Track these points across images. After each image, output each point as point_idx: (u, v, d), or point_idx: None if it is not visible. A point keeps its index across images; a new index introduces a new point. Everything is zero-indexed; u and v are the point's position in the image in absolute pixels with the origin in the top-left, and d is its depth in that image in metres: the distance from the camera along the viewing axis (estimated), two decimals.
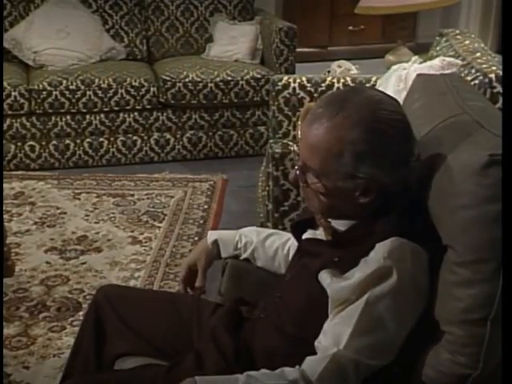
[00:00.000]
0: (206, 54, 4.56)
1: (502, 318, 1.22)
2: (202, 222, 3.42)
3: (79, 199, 3.65)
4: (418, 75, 2.06)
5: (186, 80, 4.10)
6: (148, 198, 3.68)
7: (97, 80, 4.06)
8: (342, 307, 1.30)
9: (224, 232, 1.79)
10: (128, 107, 4.11)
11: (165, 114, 4.18)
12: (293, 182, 1.43)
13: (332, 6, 6.09)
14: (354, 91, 1.39)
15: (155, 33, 4.63)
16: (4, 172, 3.83)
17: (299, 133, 2.83)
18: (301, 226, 1.55)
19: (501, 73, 2.25)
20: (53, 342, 2.47)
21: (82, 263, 3.02)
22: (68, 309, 2.66)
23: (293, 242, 1.63)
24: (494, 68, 2.31)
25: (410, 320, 1.31)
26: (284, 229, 2.39)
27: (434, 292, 1.32)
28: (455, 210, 1.27)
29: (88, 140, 4.11)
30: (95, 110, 4.07)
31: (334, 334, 1.29)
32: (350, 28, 6.11)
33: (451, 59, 2.54)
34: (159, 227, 3.36)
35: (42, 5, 4.43)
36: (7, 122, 3.99)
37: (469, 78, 2.31)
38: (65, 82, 4.02)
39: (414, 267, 1.29)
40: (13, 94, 3.95)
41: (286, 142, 2.47)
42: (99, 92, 4.05)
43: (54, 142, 4.08)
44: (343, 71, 3.52)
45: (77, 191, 3.75)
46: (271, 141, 2.55)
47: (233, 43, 4.46)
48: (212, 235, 1.77)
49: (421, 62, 2.77)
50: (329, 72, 3.55)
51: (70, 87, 4.01)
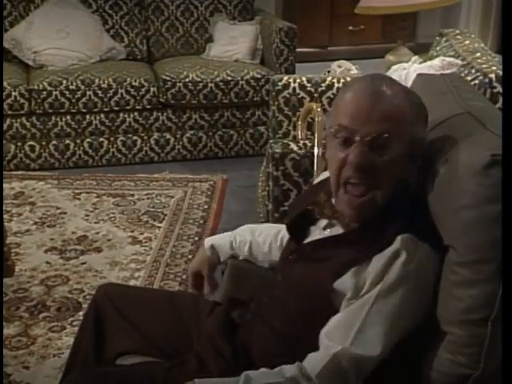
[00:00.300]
0: (206, 54, 4.56)
1: (502, 318, 1.22)
2: (202, 222, 3.42)
3: (79, 199, 3.65)
4: (418, 75, 2.06)
5: (186, 80, 4.10)
6: (148, 198, 3.67)
7: (97, 80, 4.06)
8: (353, 301, 1.31)
9: (219, 236, 1.82)
10: (128, 107, 4.11)
11: (165, 114, 4.18)
12: (361, 163, 1.33)
13: (332, 6, 6.08)
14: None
15: (155, 33, 4.63)
16: (4, 172, 3.83)
17: (299, 133, 2.83)
18: (298, 223, 1.53)
19: (501, 73, 2.25)
20: (53, 341, 2.47)
21: (82, 263, 3.02)
22: (68, 309, 2.67)
23: (284, 233, 1.64)
24: (494, 68, 2.31)
25: (417, 314, 1.31)
26: None
27: (435, 292, 1.32)
28: (456, 210, 1.27)
29: (88, 140, 4.11)
30: (95, 110, 4.07)
31: (340, 329, 1.30)
32: (350, 28, 6.11)
33: (451, 59, 2.54)
34: (159, 227, 3.35)
35: (41, 5, 4.43)
36: (7, 121, 3.99)
37: (469, 78, 2.31)
38: (65, 81, 4.02)
39: (423, 264, 1.30)
40: (13, 93, 3.95)
41: (286, 141, 2.46)
42: (99, 92, 4.04)
43: (54, 142, 4.08)
44: (343, 71, 3.52)
45: (77, 191, 3.75)
46: (271, 141, 2.54)
47: (233, 43, 4.46)
48: (208, 241, 1.79)
49: (421, 62, 2.77)
50: (329, 72, 3.55)
51: (70, 87, 4.01)
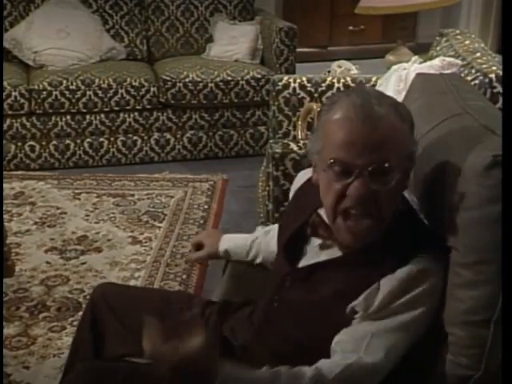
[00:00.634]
0: (206, 54, 4.55)
1: (502, 318, 1.21)
2: (202, 222, 3.42)
3: (79, 199, 3.65)
4: (418, 75, 2.06)
5: (186, 80, 4.10)
6: (148, 198, 3.67)
7: (97, 80, 4.06)
8: (365, 319, 1.30)
9: (234, 243, 1.82)
10: (128, 107, 4.10)
11: (165, 114, 4.18)
12: (364, 195, 1.28)
13: (332, 6, 6.09)
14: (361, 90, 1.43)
15: (155, 33, 4.63)
16: (4, 172, 3.83)
17: (299, 133, 2.83)
18: (291, 244, 1.47)
19: (501, 73, 2.25)
20: (53, 341, 2.47)
21: (82, 263, 3.01)
22: (68, 309, 2.66)
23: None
24: (494, 68, 2.31)
25: (426, 324, 1.31)
26: None
27: None
28: (458, 211, 1.26)
29: (88, 140, 4.11)
30: (95, 110, 4.07)
31: (352, 342, 1.29)
32: (350, 28, 6.11)
33: (451, 59, 2.53)
34: (159, 227, 3.35)
35: (42, 5, 4.43)
36: (7, 121, 3.99)
37: (469, 78, 2.31)
38: (65, 82, 4.02)
39: (435, 282, 1.30)
40: (13, 94, 3.95)
41: (286, 141, 2.46)
42: (99, 92, 4.04)
43: (54, 142, 4.08)
44: (343, 71, 3.52)
45: (77, 191, 3.75)
46: (271, 141, 2.53)
47: (233, 43, 4.46)
48: (223, 244, 1.81)
49: (421, 62, 2.77)
50: (329, 72, 3.55)
51: (70, 87, 4.01)
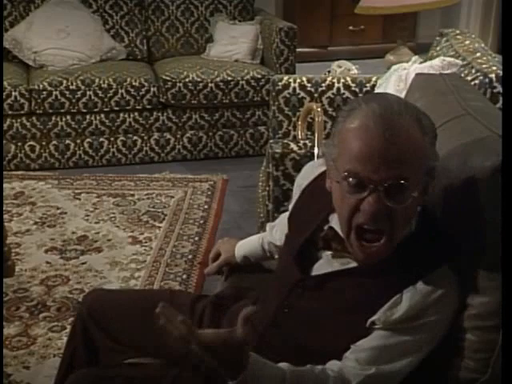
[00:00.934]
0: (206, 54, 4.56)
1: (503, 320, 1.20)
2: (202, 222, 3.42)
3: (79, 199, 3.65)
4: (417, 75, 2.06)
5: (187, 80, 4.10)
6: (148, 198, 3.67)
7: (97, 80, 4.06)
8: (385, 329, 1.28)
9: (249, 246, 1.87)
10: (128, 107, 4.10)
11: (165, 114, 4.18)
12: (378, 211, 1.22)
13: (332, 6, 6.10)
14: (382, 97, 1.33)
15: (155, 33, 4.63)
16: (4, 172, 3.83)
17: (299, 133, 2.83)
18: (302, 252, 1.44)
19: (501, 73, 2.25)
20: (53, 341, 2.47)
21: (82, 263, 3.02)
22: (68, 309, 2.66)
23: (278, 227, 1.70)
24: (494, 68, 2.30)
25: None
26: None
27: None
28: (466, 215, 1.26)
29: (88, 140, 4.11)
30: (95, 110, 4.07)
31: (375, 350, 1.27)
32: (350, 28, 6.12)
33: (451, 59, 2.53)
34: (159, 227, 3.35)
35: (42, 5, 4.43)
36: (7, 121, 3.99)
37: (469, 78, 2.31)
38: (65, 82, 4.02)
39: (453, 295, 1.27)
40: (13, 94, 3.95)
41: (286, 141, 2.46)
42: (99, 92, 4.04)
43: (54, 142, 4.08)
44: (343, 71, 3.52)
45: (77, 191, 3.75)
46: (271, 141, 2.54)
47: (233, 43, 4.46)
48: (239, 251, 1.86)
49: (421, 62, 2.77)
50: (329, 72, 3.55)
51: (71, 87, 4.01)
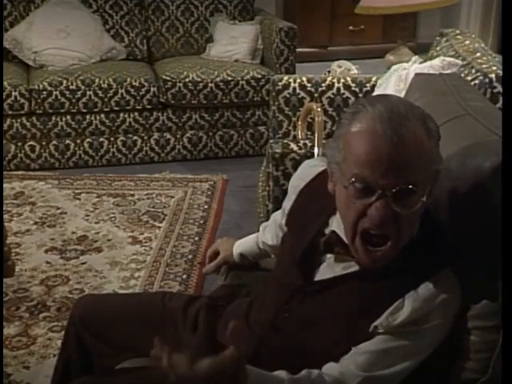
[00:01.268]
0: (207, 54, 4.56)
1: (503, 320, 1.20)
2: (202, 222, 3.42)
3: (79, 199, 3.65)
4: (417, 75, 2.06)
5: (187, 80, 4.10)
6: (148, 198, 3.67)
7: (97, 80, 4.06)
8: (385, 333, 1.27)
9: (246, 245, 1.85)
10: (128, 107, 4.10)
11: (165, 114, 4.18)
12: (385, 216, 1.20)
13: (332, 6, 6.10)
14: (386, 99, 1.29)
15: (155, 33, 4.63)
16: (4, 172, 3.83)
17: (299, 133, 2.83)
18: (304, 257, 1.42)
19: (501, 73, 2.25)
20: (53, 341, 2.47)
21: (82, 263, 3.02)
22: (68, 309, 2.65)
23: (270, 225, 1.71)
24: (494, 68, 2.31)
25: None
26: None
27: None
28: (466, 215, 1.25)
29: (88, 140, 4.11)
30: (95, 110, 4.07)
31: (375, 353, 1.26)
32: (350, 28, 6.12)
33: (451, 59, 2.53)
34: (159, 227, 3.35)
35: (42, 5, 4.43)
36: (7, 121, 3.99)
37: (469, 78, 2.31)
38: (65, 82, 4.02)
39: (456, 298, 1.26)
40: (13, 93, 3.95)
41: (286, 141, 2.47)
42: (99, 92, 4.04)
43: (55, 142, 4.08)
44: (343, 71, 3.52)
45: (77, 191, 3.75)
46: (271, 141, 2.54)
47: (233, 43, 4.46)
48: (237, 250, 1.85)
49: (421, 62, 2.77)
50: (329, 72, 3.56)
51: (71, 87, 4.01)
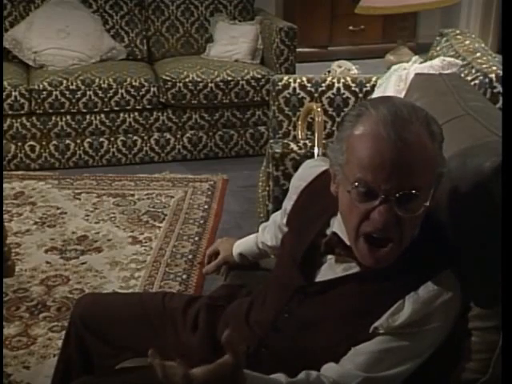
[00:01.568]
0: (207, 54, 4.56)
1: (503, 320, 1.20)
2: (202, 222, 3.42)
3: (79, 199, 3.65)
4: (417, 75, 2.06)
5: (187, 80, 4.10)
6: (148, 198, 3.67)
7: (97, 80, 4.06)
8: (386, 334, 1.27)
9: (245, 245, 1.85)
10: (128, 107, 4.10)
11: (165, 114, 4.18)
12: (388, 221, 1.21)
13: (332, 6, 6.10)
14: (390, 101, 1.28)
15: (155, 33, 4.63)
16: (4, 172, 3.83)
17: (300, 133, 2.83)
18: (305, 259, 1.42)
19: (501, 73, 2.25)
20: (53, 341, 2.47)
21: (82, 263, 3.02)
22: (68, 309, 2.65)
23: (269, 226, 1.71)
24: (494, 68, 2.31)
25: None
26: None
27: None
28: (466, 215, 1.25)
29: (88, 140, 4.11)
30: (95, 110, 4.07)
31: (375, 353, 1.26)
32: (350, 28, 6.12)
33: (451, 59, 2.54)
34: (159, 227, 3.35)
35: (42, 5, 4.43)
36: (7, 121, 3.99)
37: (469, 78, 2.31)
38: (65, 82, 4.02)
39: (457, 299, 1.26)
40: (13, 93, 3.95)
41: (286, 141, 2.46)
42: (99, 92, 4.04)
43: (55, 142, 4.08)
44: (343, 71, 3.52)
45: (77, 191, 3.75)
46: (271, 141, 2.54)
47: (233, 43, 4.46)
48: (236, 249, 1.85)
49: (421, 62, 2.77)
50: (329, 72, 3.55)
51: (71, 87, 4.01)
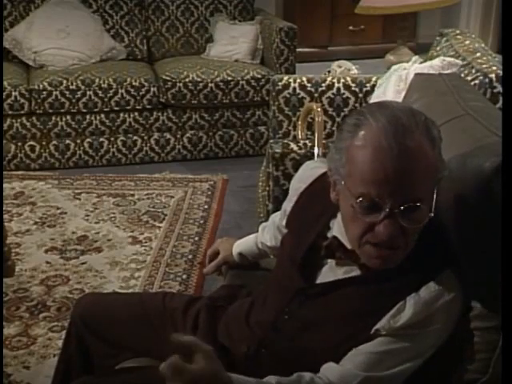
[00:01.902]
0: (207, 54, 4.56)
1: (503, 320, 1.19)
2: (202, 222, 3.42)
3: (79, 199, 3.65)
4: (417, 75, 2.06)
5: (187, 80, 4.10)
6: (148, 198, 3.67)
7: (97, 80, 4.06)
8: (386, 335, 1.26)
9: (245, 245, 1.86)
10: (128, 107, 4.11)
11: (165, 114, 4.18)
12: (393, 233, 1.20)
13: (332, 6, 6.10)
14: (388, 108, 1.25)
15: (155, 33, 4.64)
16: (4, 172, 3.83)
17: (300, 133, 2.83)
18: (305, 260, 1.41)
19: (501, 73, 2.25)
20: (53, 341, 2.47)
21: (82, 263, 3.02)
22: (68, 309, 2.66)
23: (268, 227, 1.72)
24: (494, 68, 2.31)
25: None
26: None
27: None
28: (466, 215, 1.25)
29: (88, 140, 4.11)
30: (95, 109, 4.07)
31: (375, 354, 1.26)
32: (350, 28, 6.12)
33: (451, 59, 2.54)
34: (159, 227, 3.35)
35: (42, 5, 4.43)
36: (7, 121, 3.99)
37: (469, 78, 2.31)
38: (65, 82, 4.02)
39: (458, 300, 1.26)
40: (13, 93, 3.95)
41: (286, 141, 2.47)
42: (99, 92, 4.04)
43: (55, 142, 4.08)
44: (343, 71, 3.52)
45: (77, 191, 3.75)
46: (271, 141, 2.54)
47: (233, 43, 4.46)
48: (236, 249, 1.86)
49: (421, 62, 2.77)
50: (329, 72, 3.56)
51: (71, 87, 4.01)
